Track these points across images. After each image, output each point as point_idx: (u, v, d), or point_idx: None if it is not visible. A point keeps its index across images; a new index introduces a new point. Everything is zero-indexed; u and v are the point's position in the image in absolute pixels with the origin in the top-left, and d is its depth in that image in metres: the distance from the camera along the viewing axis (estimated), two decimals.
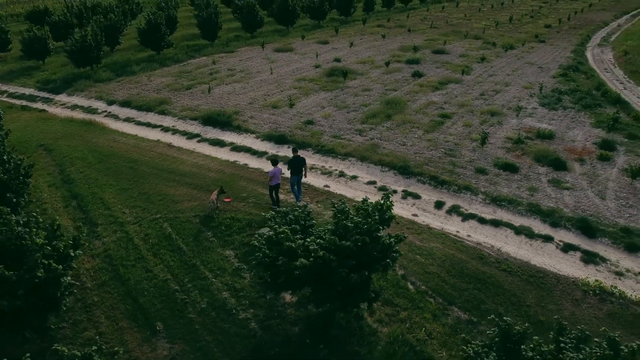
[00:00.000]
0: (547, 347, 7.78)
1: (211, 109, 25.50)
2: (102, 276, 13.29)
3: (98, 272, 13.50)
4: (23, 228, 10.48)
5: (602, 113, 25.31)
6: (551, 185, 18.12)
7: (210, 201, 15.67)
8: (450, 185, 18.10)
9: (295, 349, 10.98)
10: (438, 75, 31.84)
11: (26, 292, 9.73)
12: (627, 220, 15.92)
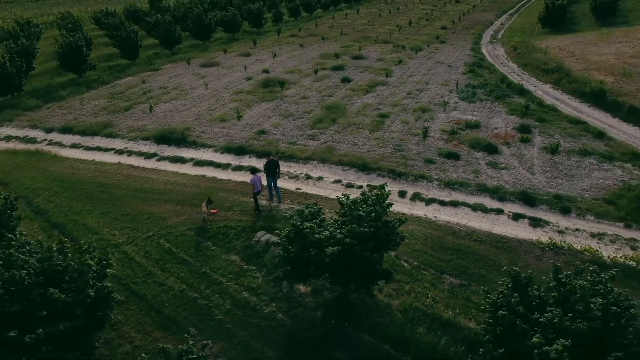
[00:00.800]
0: (548, 285, 9.97)
1: (161, 128, 25.78)
2: (118, 295, 13.69)
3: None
4: (58, 254, 10.87)
5: (512, 102, 29.17)
6: (489, 167, 21.03)
7: (202, 213, 16.50)
8: (407, 176, 20.35)
9: (323, 330, 12.37)
10: (365, 79, 34.39)
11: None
12: (556, 189, 19.11)
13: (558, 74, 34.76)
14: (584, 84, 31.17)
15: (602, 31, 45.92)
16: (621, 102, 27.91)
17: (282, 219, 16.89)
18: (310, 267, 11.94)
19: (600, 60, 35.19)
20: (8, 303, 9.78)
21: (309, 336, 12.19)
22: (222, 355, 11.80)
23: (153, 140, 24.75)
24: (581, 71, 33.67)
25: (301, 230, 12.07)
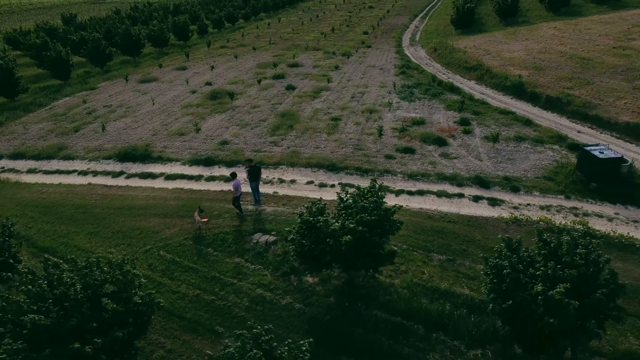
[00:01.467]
0: (537, 245, 12.03)
1: (123, 146, 25.73)
2: (161, 300, 14.18)
3: None
4: (96, 268, 11.39)
5: (447, 99, 32.08)
6: (443, 157, 23.39)
7: (197, 222, 17.22)
8: (373, 172, 22.18)
9: (339, 312, 13.71)
10: (308, 86, 36.00)
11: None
12: (503, 172, 21.77)
13: (479, 71, 38.46)
14: (504, 78, 34.89)
15: (508, 30, 50.88)
16: (539, 93, 31.68)
17: (273, 220, 18.10)
18: (327, 256, 13.25)
19: (513, 57, 39.28)
20: (62, 319, 10.21)
21: (328, 320, 13.48)
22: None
23: (116, 159, 24.70)
24: (499, 67, 37.49)
25: (314, 224, 13.36)
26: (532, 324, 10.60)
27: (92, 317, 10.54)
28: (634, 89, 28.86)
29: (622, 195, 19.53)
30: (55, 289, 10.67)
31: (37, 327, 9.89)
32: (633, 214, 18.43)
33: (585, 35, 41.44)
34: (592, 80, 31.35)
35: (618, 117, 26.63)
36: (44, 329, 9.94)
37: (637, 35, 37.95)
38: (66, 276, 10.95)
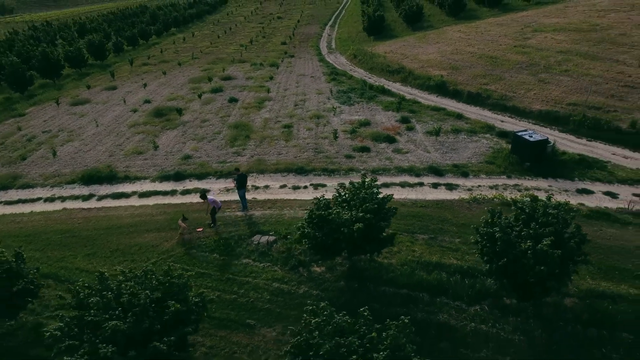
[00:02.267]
0: (515, 213, 14.65)
1: (81, 170, 25.51)
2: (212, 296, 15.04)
3: None
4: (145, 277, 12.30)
5: (382, 100, 34.99)
6: (396, 153, 25.99)
7: (182, 228, 18.17)
8: (339, 171, 24.22)
9: (352, 293, 15.51)
10: (250, 97, 37.29)
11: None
12: (451, 160, 24.79)
13: (402, 73, 41.97)
14: (427, 79, 38.58)
15: (418, 35, 55.47)
16: (460, 90, 35.59)
17: (265, 222, 19.47)
18: (341, 244, 15.04)
19: (430, 59, 43.30)
20: (136, 323, 11.08)
21: (345, 300, 15.23)
22: (287, 332, 14.19)
23: (80, 182, 24.51)
24: (420, 69, 41.25)
25: (326, 217, 15.07)
26: (523, 274, 13.13)
27: (156, 319, 11.49)
28: (539, 81, 33.54)
29: (549, 171, 23.24)
30: (122, 297, 11.47)
31: (116, 332, 10.72)
32: (562, 185, 22.10)
33: (487, 36, 46.63)
34: (502, 76, 35.82)
35: (531, 106, 30.94)
36: (122, 334, 10.78)
37: (531, 35, 43.53)
38: (127, 285, 11.79)
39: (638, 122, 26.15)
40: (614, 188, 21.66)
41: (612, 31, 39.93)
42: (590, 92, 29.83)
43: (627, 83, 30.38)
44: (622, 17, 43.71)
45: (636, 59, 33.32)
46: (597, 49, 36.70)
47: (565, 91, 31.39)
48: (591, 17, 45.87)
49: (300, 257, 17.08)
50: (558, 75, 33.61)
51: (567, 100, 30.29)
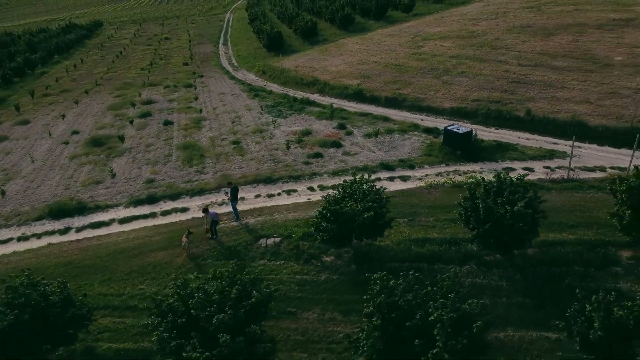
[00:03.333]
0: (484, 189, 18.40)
1: (48, 205, 25.07)
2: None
3: None
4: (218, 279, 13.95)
5: (312, 111, 38.04)
6: (346, 155, 29.15)
7: (184, 243, 19.56)
8: (304, 176, 26.75)
9: (364, 273, 18.18)
10: (184, 119, 38.11)
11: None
12: (395, 157, 28.51)
13: (318, 85, 45.41)
14: (344, 88, 42.45)
15: (318, 48, 59.51)
16: (377, 96, 39.90)
17: (262, 227, 21.42)
18: (355, 232, 17.71)
19: (339, 70, 47.33)
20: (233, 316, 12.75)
21: (362, 278, 17.88)
22: (327, 312, 16.51)
23: (49, 218, 24.16)
24: (334, 80, 45.05)
25: (339, 210, 17.62)
26: (504, 233, 16.89)
27: (240, 309, 13.22)
28: (443, 83, 38.99)
29: (477, 156, 27.96)
30: (213, 297, 13.07)
31: (221, 323, 12.36)
32: (490, 166, 26.84)
33: (384, 46, 52.00)
34: (410, 80, 40.85)
35: (442, 105, 36.07)
36: (225, 325, 12.44)
37: (423, 43, 49.59)
38: (209, 287, 13.39)
39: (531, 110, 32.15)
40: (528, 164, 26.87)
41: (488, 36, 47.20)
42: (490, 90, 35.68)
43: (513, 79, 36.78)
44: (492, 24, 51.60)
45: (515, 59, 40.21)
46: (481, 52, 43.35)
47: (467, 90, 37.02)
48: (466, 25, 53.36)
49: (310, 251, 19.40)
50: (457, 77, 39.34)
51: (471, 97, 35.86)
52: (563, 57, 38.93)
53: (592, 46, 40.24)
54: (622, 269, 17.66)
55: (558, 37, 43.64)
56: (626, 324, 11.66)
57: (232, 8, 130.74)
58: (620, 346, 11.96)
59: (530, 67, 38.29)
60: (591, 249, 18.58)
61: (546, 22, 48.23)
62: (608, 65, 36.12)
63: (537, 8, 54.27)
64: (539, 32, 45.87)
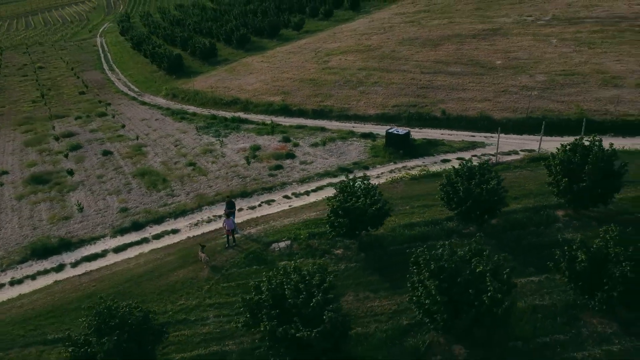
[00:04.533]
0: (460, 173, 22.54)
1: (28, 244, 24.33)
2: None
3: None
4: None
5: (248, 128, 40.10)
6: (304, 164, 31.95)
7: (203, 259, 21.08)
8: (276, 187, 29.05)
9: (374, 257, 21.26)
10: (123, 147, 37.77)
11: None
12: (348, 161, 31.97)
13: (239, 104, 47.37)
14: (269, 105, 45.08)
15: (223, 68, 61.18)
16: (304, 109, 43.15)
17: (266, 235, 23.47)
18: (366, 224, 20.73)
19: (256, 88, 49.77)
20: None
21: (376, 262, 20.95)
22: (360, 293, 19.26)
23: (35, 258, 23.55)
24: (255, 97, 47.42)
25: (350, 207, 20.51)
26: (481, 207, 21.15)
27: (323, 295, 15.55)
28: (361, 93, 43.51)
29: (416, 153, 32.54)
30: (299, 285, 15.23)
31: (317, 305, 14.63)
32: (430, 160, 31.46)
33: (291, 63, 55.52)
34: (330, 93, 44.78)
35: (367, 112, 40.46)
36: (320, 307, 14.72)
37: (327, 58, 54.02)
38: (291, 279, 15.52)
39: (445, 110, 37.79)
40: (459, 155, 32.00)
41: (384, 49, 53.10)
42: (404, 96, 40.91)
43: (421, 85, 42.48)
44: (383, 38, 57.87)
45: (416, 68, 46.20)
46: (384, 64, 48.87)
47: (385, 97, 41.89)
48: (360, 40, 59.09)
49: (321, 247, 21.99)
50: (372, 87, 44.15)
51: (390, 103, 40.73)
52: (455, 64, 45.76)
53: (474, 53, 47.77)
54: (562, 224, 22.89)
55: (444, 47, 50.82)
56: (604, 252, 16.25)
57: (100, 32, 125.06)
58: (599, 271, 16.51)
59: (431, 74, 44.42)
60: (536, 212, 23.64)
61: (430, 34, 55.58)
62: (493, 69, 43.46)
63: (418, 22, 61.91)
64: (427, 43, 52.85)
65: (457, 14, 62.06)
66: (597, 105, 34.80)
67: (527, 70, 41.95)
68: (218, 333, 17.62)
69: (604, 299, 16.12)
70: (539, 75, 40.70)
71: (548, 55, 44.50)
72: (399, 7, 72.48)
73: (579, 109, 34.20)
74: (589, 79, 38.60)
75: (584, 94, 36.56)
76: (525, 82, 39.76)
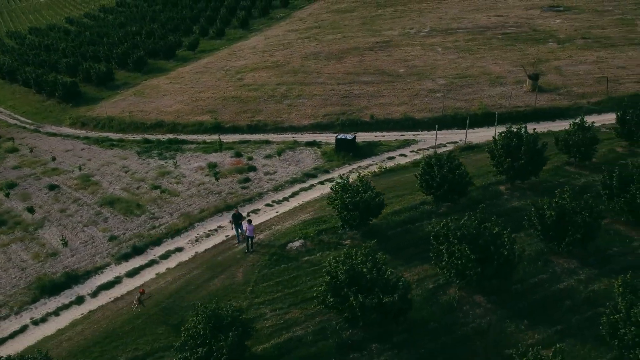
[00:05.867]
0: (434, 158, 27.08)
1: (22, 288, 23.57)
2: None
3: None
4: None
5: (192, 148, 41.08)
6: (270, 175, 34.40)
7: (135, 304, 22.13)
8: (254, 198, 31.23)
9: (380, 241, 24.84)
10: (68, 179, 36.42)
11: None
12: (308, 167, 35.19)
13: (166, 126, 47.56)
14: (199, 124, 46.18)
15: (128, 92, 59.92)
16: (238, 125, 45.09)
17: (275, 238, 25.83)
18: (372, 217, 24.29)
19: (178, 109, 50.22)
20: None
21: (386, 244, 24.56)
22: None
23: (47, 295, 23.11)
24: (180, 119, 48.07)
25: (358, 202, 23.93)
26: (455, 190, 26.00)
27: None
28: (289, 106, 46.78)
29: (364, 154, 36.84)
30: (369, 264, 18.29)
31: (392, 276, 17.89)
32: (377, 159, 35.81)
33: (205, 83, 56.72)
34: (259, 108, 47.33)
35: (302, 123, 43.87)
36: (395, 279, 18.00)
37: (240, 76, 56.27)
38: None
39: (373, 115, 42.75)
40: (400, 151, 36.90)
41: (293, 64, 57.01)
42: (331, 105, 45.17)
43: (343, 95, 47.07)
44: (286, 54, 61.75)
45: (331, 80, 50.79)
46: (299, 78, 52.73)
47: (313, 108, 45.68)
48: (265, 57, 62.31)
49: (332, 241, 25.00)
50: (297, 100, 47.69)
51: (320, 113, 44.59)
52: (364, 74, 51.26)
53: (377, 64, 53.84)
54: (507, 196, 28.69)
55: (348, 60, 56.29)
56: (567, 206, 21.81)
57: None
58: (563, 222, 22.02)
59: (347, 84, 49.33)
60: (485, 189, 29.19)
61: (330, 49, 60.76)
62: (399, 76, 49.73)
63: (314, 38, 66.83)
64: (331, 57, 57.91)
65: (347, 29, 68.26)
66: (493, 100, 42.41)
67: (428, 75, 48.89)
68: (282, 323, 19.83)
69: (569, 242, 21.59)
70: (439, 79, 47.78)
71: (440, 62, 52.12)
72: (289, 24, 76.87)
73: (482, 105, 41.45)
74: (480, 80, 46.52)
75: (480, 93, 44.12)
76: (430, 86, 46.46)
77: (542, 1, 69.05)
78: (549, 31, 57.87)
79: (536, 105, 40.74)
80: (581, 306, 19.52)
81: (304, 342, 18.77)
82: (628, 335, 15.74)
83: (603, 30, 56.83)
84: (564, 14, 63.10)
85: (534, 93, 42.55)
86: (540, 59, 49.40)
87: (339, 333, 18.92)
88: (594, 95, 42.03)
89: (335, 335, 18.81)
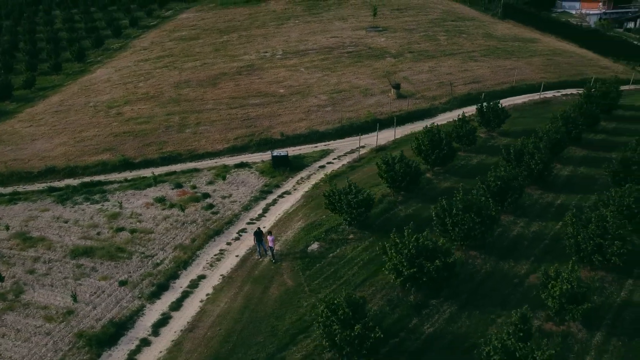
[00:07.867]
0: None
1: (84, 345, 22.55)
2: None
3: None
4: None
5: (113, 187, 40.01)
6: (228, 197, 36.60)
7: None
8: (233, 220, 33.48)
9: (375, 229, 30.20)
10: (7, 241, 32.56)
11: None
12: (255, 186, 38.34)
13: (59, 172, 44.10)
14: (102, 164, 44.50)
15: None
16: (150, 159, 44.90)
17: (292, 244, 29.22)
18: (367, 211, 29.61)
19: (64, 152, 46.80)
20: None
21: (381, 233, 30.00)
22: None
23: (104, 348, 22.65)
24: (73, 162, 45.23)
25: (362, 200, 28.99)
26: (411, 181, 32.96)
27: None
28: (194, 134, 48.13)
29: (295, 168, 41.36)
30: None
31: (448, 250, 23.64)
32: (310, 170, 40.90)
33: (78, 121, 53.26)
34: (163, 140, 47.36)
35: (217, 148, 45.89)
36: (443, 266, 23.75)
37: (116, 111, 54.54)
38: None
39: (283, 132, 47.32)
40: (324, 161, 42.47)
41: (168, 94, 57.60)
42: (236, 128, 48.23)
43: (243, 118, 50.30)
44: (152, 84, 61.58)
45: (218, 106, 53.26)
46: (185, 106, 53.88)
47: (220, 133, 47.95)
48: (128, 89, 60.98)
49: (340, 238, 29.47)
50: (200, 127, 49.25)
51: (229, 137, 47.15)
52: (250, 97, 55.15)
53: (254, 87, 58.17)
54: (435, 179, 36.74)
55: (223, 84, 59.30)
56: (514, 173, 30.39)
57: None
58: (505, 187, 30.51)
59: (239, 108, 52.67)
60: None
61: (197, 76, 62.62)
62: (283, 96, 55.03)
63: (172, 66, 67.31)
64: (204, 83, 60.08)
65: (202, 56, 70.32)
66: (374, 109, 50.96)
67: (309, 93, 55.35)
68: None
69: (512, 201, 30.31)
70: (320, 95, 54.67)
71: (310, 80, 59.02)
72: (134, 54, 74.68)
73: (370, 113, 49.58)
74: (354, 92, 54.84)
75: (359, 103, 52.31)
76: (316, 102, 53.01)
77: (362, 23, 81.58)
78: (381, 48, 69.65)
79: (408, 109, 50.55)
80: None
81: (384, 313, 23.35)
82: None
83: (419, 45, 70.90)
84: (384, 33, 76.09)
85: (399, 100, 52.48)
86: (389, 71, 60.09)
87: (403, 300, 23.95)
88: (441, 97, 53.81)
89: (402, 301, 23.80)
